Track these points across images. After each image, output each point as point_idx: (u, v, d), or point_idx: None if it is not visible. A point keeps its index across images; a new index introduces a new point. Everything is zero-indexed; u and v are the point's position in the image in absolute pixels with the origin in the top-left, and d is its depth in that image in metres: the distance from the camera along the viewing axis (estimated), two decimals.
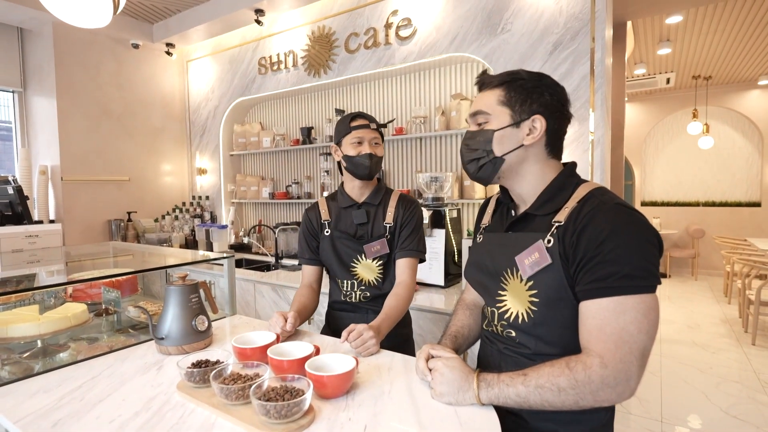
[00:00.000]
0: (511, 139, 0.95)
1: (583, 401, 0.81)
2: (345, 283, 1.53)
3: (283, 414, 0.80)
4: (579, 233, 0.85)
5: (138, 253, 2.10)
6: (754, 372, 3.34)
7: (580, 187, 0.94)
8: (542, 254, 0.90)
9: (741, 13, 3.83)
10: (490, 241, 1.06)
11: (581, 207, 0.89)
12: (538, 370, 0.85)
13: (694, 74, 5.87)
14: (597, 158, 2.28)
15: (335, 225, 1.54)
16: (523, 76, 0.96)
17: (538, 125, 0.94)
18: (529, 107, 0.94)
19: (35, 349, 1.28)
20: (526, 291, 0.93)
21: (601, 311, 0.82)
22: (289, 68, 3.43)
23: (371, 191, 1.53)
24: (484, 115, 0.97)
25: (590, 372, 0.80)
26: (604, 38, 2.23)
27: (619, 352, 0.79)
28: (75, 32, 3.49)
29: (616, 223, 0.83)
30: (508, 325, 0.98)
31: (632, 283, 0.80)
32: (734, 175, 6.73)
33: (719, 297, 5.55)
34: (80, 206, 3.55)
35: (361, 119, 1.47)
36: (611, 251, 0.81)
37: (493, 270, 1.01)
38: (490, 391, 0.87)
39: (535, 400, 0.83)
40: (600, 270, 0.82)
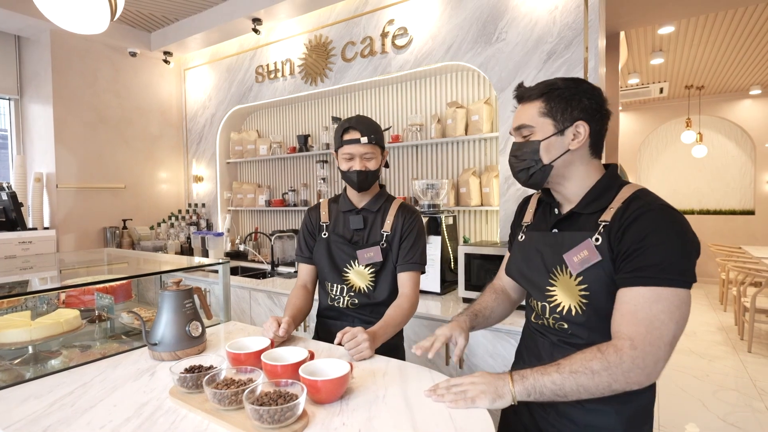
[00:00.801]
0: (557, 146, 1.00)
1: (616, 383, 0.84)
2: (334, 287, 1.52)
3: (276, 419, 0.79)
4: (625, 229, 0.91)
5: (133, 260, 2.09)
6: (750, 379, 3.34)
7: (624, 188, 0.98)
8: (591, 251, 0.95)
9: (732, 24, 3.89)
10: (537, 240, 1.10)
11: (627, 206, 0.94)
12: (570, 358, 0.89)
13: (686, 84, 5.95)
14: None
15: (333, 228, 1.54)
16: (561, 86, 0.99)
17: (581, 130, 0.98)
18: (571, 114, 0.98)
19: (26, 356, 1.26)
20: (576, 286, 0.98)
21: (636, 298, 0.87)
22: (286, 76, 3.46)
23: (372, 198, 1.52)
24: (528, 128, 1.01)
25: (621, 354, 0.84)
26: (597, 48, 2.26)
27: (650, 336, 0.84)
28: (72, 40, 3.50)
29: (661, 222, 0.89)
30: (561, 318, 1.02)
31: (669, 276, 0.85)
32: (728, 184, 6.79)
33: (715, 305, 5.57)
34: (75, 214, 3.54)
35: (353, 132, 1.42)
36: (653, 246, 0.87)
37: (542, 267, 1.06)
38: (525, 382, 0.89)
39: (570, 386, 0.86)
40: (640, 261, 0.87)
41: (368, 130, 1.43)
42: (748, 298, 4.04)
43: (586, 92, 0.99)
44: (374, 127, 1.46)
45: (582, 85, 1.00)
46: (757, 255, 4.75)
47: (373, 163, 1.45)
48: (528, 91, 1.02)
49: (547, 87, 1.00)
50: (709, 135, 6.78)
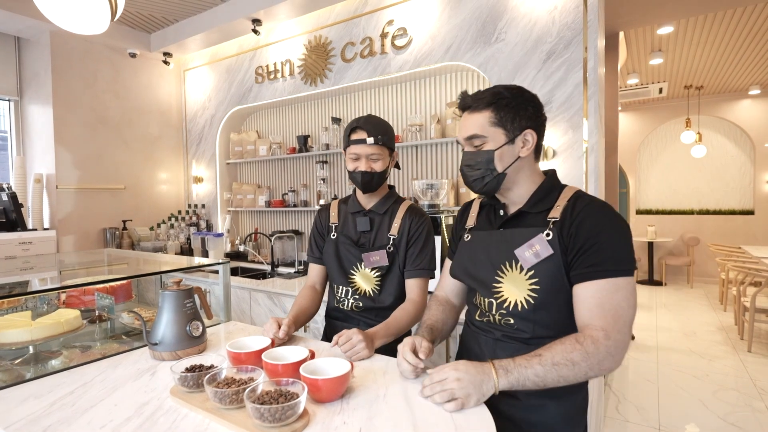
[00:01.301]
0: (508, 154, 1.05)
1: (592, 371, 0.91)
2: (340, 289, 1.51)
3: (278, 417, 0.79)
4: (578, 225, 0.98)
5: (133, 261, 2.09)
6: (750, 379, 3.34)
7: (564, 189, 1.08)
8: (543, 246, 1.01)
9: (731, 24, 3.90)
10: (484, 238, 1.14)
11: (573, 204, 1.02)
12: (551, 350, 0.93)
13: (686, 84, 5.95)
14: (591, 165, 2.30)
15: (341, 229, 1.53)
16: (507, 95, 1.03)
17: (530, 138, 1.05)
18: (519, 123, 1.04)
19: (27, 356, 1.26)
20: (526, 280, 1.03)
21: (599, 291, 0.94)
22: (285, 77, 3.46)
23: (380, 199, 1.50)
24: (481, 138, 1.05)
25: (598, 344, 0.91)
26: (596, 47, 2.26)
27: (617, 324, 0.92)
28: (72, 41, 3.51)
29: (608, 218, 0.98)
30: (507, 313, 1.06)
31: (622, 267, 0.95)
32: (727, 184, 6.80)
33: (715, 304, 5.57)
34: (75, 214, 3.54)
35: (360, 132, 1.40)
36: (605, 242, 0.95)
37: (489, 264, 1.10)
38: (510, 377, 0.91)
39: (552, 378, 0.91)
40: (596, 257, 0.95)
41: (375, 131, 1.40)
42: (747, 298, 4.05)
43: (530, 101, 1.05)
44: (383, 127, 1.43)
45: (525, 94, 1.05)
46: (756, 255, 4.75)
47: (380, 165, 1.42)
48: (476, 100, 1.05)
49: (494, 96, 1.03)
50: (708, 135, 6.79)
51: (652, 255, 6.83)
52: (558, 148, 2.37)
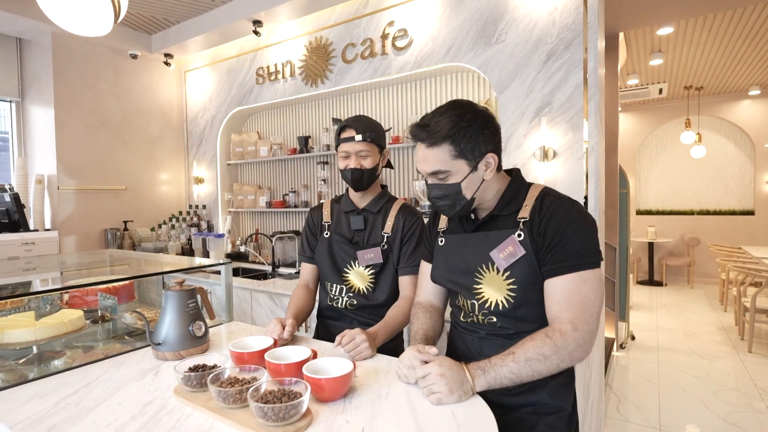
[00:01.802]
0: (474, 181, 1.06)
1: (563, 363, 0.95)
2: (334, 287, 1.52)
3: (281, 416, 0.80)
4: (546, 223, 1.01)
5: (135, 261, 2.09)
6: (751, 379, 3.34)
7: (531, 187, 1.11)
8: (516, 247, 1.04)
9: (731, 24, 3.91)
10: (457, 243, 1.16)
11: (540, 203, 1.05)
12: (522, 346, 0.97)
13: (686, 85, 5.96)
14: (591, 166, 2.30)
15: (334, 228, 1.54)
16: (463, 123, 1.01)
17: (491, 160, 1.07)
18: (479, 150, 1.04)
19: (30, 356, 1.27)
20: (503, 281, 1.06)
21: (567, 285, 0.98)
22: (286, 78, 3.47)
23: (373, 198, 1.52)
24: (444, 173, 1.05)
25: (566, 337, 0.94)
26: (596, 48, 2.27)
27: (585, 315, 0.96)
28: (74, 42, 3.52)
29: (573, 213, 1.02)
30: (489, 312, 1.09)
31: (588, 260, 0.98)
32: (727, 184, 6.80)
33: (715, 305, 5.57)
34: (76, 215, 3.54)
35: (349, 130, 1.44)
36: (571, 236, 0.99)
37: (466, 267, 1.12)
38: (487, 376, 0.95)
39: (526, 373, 0.95)
40: (564, 251, 0.99)
41: (364, 129, 1.43)
42: (748, 298, 4.05)
43: (485, 123, 1.04)
44: (372, 126, 1.46)
45: (479, 116, 1.04)
46: (757, 255, 4.76)
47: (369, 162, 1.44)
48: (432, 135, 1.03)
49: (451, 128, 1.01)
50: (708, 135, 6.79)
51: (652, 255, 6.83)
52: (558, 149, 2.37)
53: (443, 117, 1.03)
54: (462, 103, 1.06)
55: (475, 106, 1.06)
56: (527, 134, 2.45)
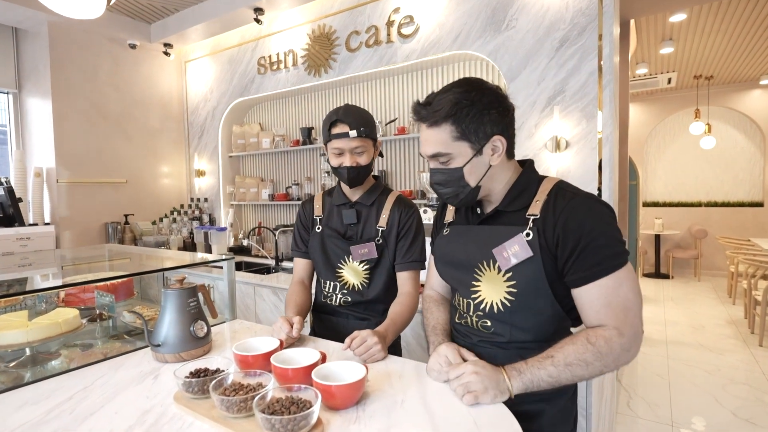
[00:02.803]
0: (479, 166, 0.97)
1: (607, 368, 0.89)
2: (328, 284, 1.47)
3: (290, 428, 0.73)
4: (563, 226, 0.92)
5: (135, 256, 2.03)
6: (762, 373, 3.28)
7: (544, 181, 1.00)
8: (523, 247, 0.95)
9: (745, 11, 3.79)
10: (461, 235, 1.08)
11: (554, 200, 0.95)
12: (562, 350, 0.90)
13: (695, 74, 5.83)
14: (606, 157, 2.23)
15: (326, 222, 1.48)
16: (465, 102, 0.93)
17: (499, 144, 0.96)
18: (484, 132, 0.94)
19: (23, 358, 1.21)
20: (503, 282, 0.98)
21: (603, 290, 0.90)
22: (288, 68, 3.38)
23: (366, 191, 1.45)
24: (445, 156, 0.97)
25: (611, 343, 0.88)
26: (612, 34, 2.18)
27: (629, 319, 0.89)
28: (71, 32, 3.43)
29: (593, 213, 0.92)
30: (484, 315, 1.02)
31: (618, 260, 0.90)
32: (736, 176, 6.70)
33: (723, 298, 5.50)
34: (76, 209, 3.48)
35: (341, 125, 1.33)
36: (597, 238, 0.90)
37: (467, 262, 1.04)
38: (523, 378, 0.89)
39: (566, 377, 0.89)
40: (594, 255, 0.90)
41: (357, 123, 1.32)
42: (759, 291, 3.98)
43: (492, 103, 0.94)
44: (364, 118, 1.35)
45: (486, 94, 0.94)
46: (766, 247, 4.68)
47: (365, 158, 1.37)
48: (433, 113, 0.94)
49: (453, 107, 0.92)
50: (717, 126, 6.67)
51: (659, 248, 6.75)
52: (571, 140, 2.29)
53: (446, 95, 0.94)
54: (470, 81, 0.97)
55: (484, 83, 0.97)
56: (539, 124, 2.37)
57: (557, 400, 1.02)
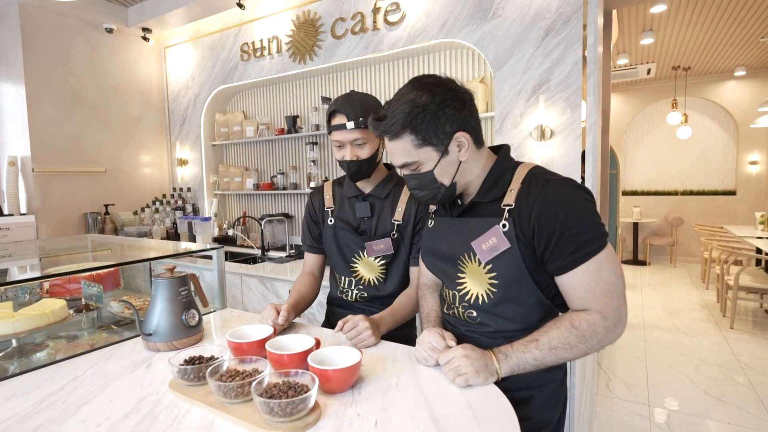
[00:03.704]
0: (449, 165, 0.97)
1: (592, 350, 0.92)
2: (343, 279, 1.43)
3: (289, 411, 0.74)
4: (538, 215, 0.92)
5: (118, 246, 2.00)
6: (733, 354, 3.43)
7: (518, 168, 1.00)
8: (500, 239, 0.96)
9: (722, 3, 3.88)
10: (443, 227, 1.09)
11: (527, 188, 0.95)
12: (546, 334, 0.92)
13: (674, 65, 5.96)
14: (589, 146, 2.27)
15: (338, 214, 1.42)
16: (418, 108, 0.91)
17: (463, 139, 0.96)
18: (444, 131, 0.94)
19: (10, 349, 1.19)
20: (485, 274, 0.99)
21: (585, 276, 0.91)
22: (273, 54, 3.32)
23: (379, 182, 1.39)
24: (413, 164, 0.97)
25: (595, 327, 0.90)
26: (596, 24, 2.20)
27: (612, 301, 0.91)
28: (43, 15, 3.30)
29: (568, 199, 0.91)
30: (470, 306, 1.04)
31: (598, 243, 0.91)
32: (711, 165, 6.90)
33: (697, 283, 5.71)
34: (53, 199, 3.39)
35: (339, 116, 1.25)
36: (574, 224, 0.90)
37: (450, 255, 1.05)
38: (510, 361, 0.92)
39: (550, 360, 0.91)
40: (571, 243, 0.90)
41: (357, 113, 1.24)
42: (731, 276, 4.14)
43: (445, 100, 0.93)
44: (366, 106, 1.26)
45: (437, 94, 0.92)
46: (739, 234, 4.86)
47: (367, 150, 1.28)
48: (390, 128, 0.94)
49: (407, 117, 0.92)
50: (694, 116, 6.84)
51: (636, 235, 6.94)
52: (555, 128, 2.33)
53: (398, 104, 0.93)
54: (419, 83, 0.95)
55: (435, 81, 0.95)
56: (524, 113, 2.39)
57: (546, 386, 1.04)
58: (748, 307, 4.61)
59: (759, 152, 6.50)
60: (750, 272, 4.32)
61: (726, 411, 2.61)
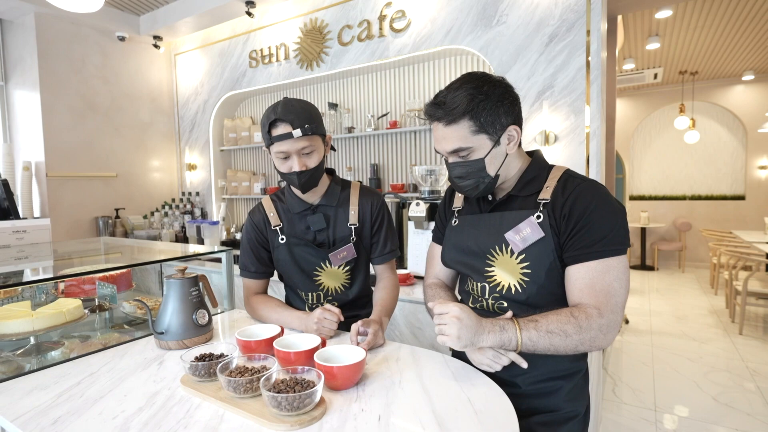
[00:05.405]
0: (497, 156, 1.01)
1: (582, 345, 0.91)
2: (310, 296, 1.37)
3: (296, 406, 0.77)
4: (570, 205, 0.96)
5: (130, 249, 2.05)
6: (742, 360, 3.40)
7: (553, 169, 1.05)
8: (534, 229, 0.98)
9: (729, 8, 3.88)
10: (472, 223, 1.11)
11: (563, 185, 1.00)
12: (546, 318, 0.93)
13: (681, 69, 5.95)
14: (593, 150, 2.29)
15: (288, 231, 1.33)
16: (480, 96, 0.95)
17: (514, 133, 1.01)
18: (500, 123, 0.98)
19: (28, 347, 1.23)
20: (517, 264, 1.01)
21: (590, 272, 0.93)
22: (280, 61, 3.38)
23: (326, 191, 1.34)
24: (466, 150, 0.99)
25: (591, 320, 0.90)
26: (599, 30, 2.23)
27: (610, 304, 0.92)
28: (58, 23, 3.39)
29: (599, 197, 0.96)
30: (501, 297, 1.05)
31: (613, 247, 0.93)
32: (719, 169, 6.85)
33: (706, 288, 5.66)
34: (66, 203, 3.46)
35: (282, 125, 1.17)
36: (597, 221, 0.93)
37: (478, 249, 1.07)
38: (503, 335, 0.92)
39: (543, 345, 0.91)
40: (588, 237, 0.93)
41: (301, 120, 1.16)
42: (739, 282, 4.11)
43: (505, 94, 0.98)
44: (308, 113, 1.19)
45: (497, 86, 0.97)
46: (748, 239, 4.82)
47: (315, 159, 1.22)
48: (449, 112, 0.96)
49: (469, 103, 0.95)
50: (701, 121, 6.81)
51: (644, 240, 6.90)
52: (560, 134, 2.35)
53: (459, 91, 0.96)
54: (477, 75, 0.99)
55: (491, 76, 0.99)
56: (528, 118, 2.42)
57: (574, 376, 1.05)
58: (757, 313, 4.56)
59: None
60: (759, 277, 4.28)
61: (735, 418, 2.59)
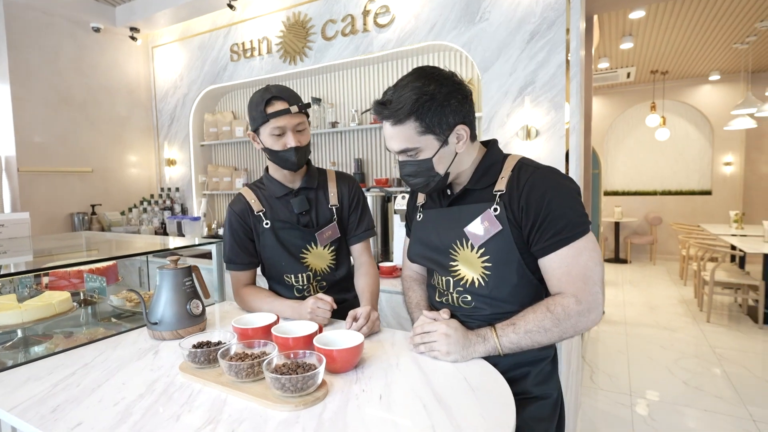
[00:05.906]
0: (446, 155, 1.01)
1: (566, 333, 0.95)
2: (300, 278, 1.39)
3: (299, 387, 0.79)
4: (526, 197, 0.97)
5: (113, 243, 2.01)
6: (710, 347, 3.58)
7: (507, 158, 1.06)
8: (492, 222, 1.00)
9: (697, 9, 4.05)
10: (433, 218, 1.12)
11: (517, 175, 1.00)
12: (523, 318, 0.96)
13: (652, 69, 6.16)
14: (572, 146, 2.37)
15: (272, 215, 1.36)
16: (425, 97, 0.94)
17: (463, 132, 1.00)
18: (447, 123, 0.97)
19: (15, 340, 1.20)
20: (477, 258, 1.02)
21: (563, 259, 0.95)
22: (263, 55, 3.36)
23: (305, 174, 1.39)
24: (413, 150, 0.99)
25: (568, 310, 0.93)
26: (578, 28, 2.30)
27: (588, 287, 0.94)
28: (29, 13, 3.27)
29: (554, 184, 0.97)
30: (464, 290, 1.06)
31: (579, 229, 0.95)
32: (688, 166, 7.14)
33: (676, 280, 5.90)
34: (39, 199, 3.35)
35: (279, 102, 1.23)
36: (556, 209, 0.94)
37: (441, 244, 1.08)
38: (487, 345, 0.96)
39: (526, 343, 0.95)
40: (552, 227, 0.95)
41: (295, 98, 1.26)
42: (707, 272, 4.31)
43: (451, 92, 0.96)
44: (297, 94, 1.31)
45: (444, 85, 0.96)
46: (714, 232, 5.05)
47: (306, 136, 1.30)
48: (395, 113, 0.95)
49: (414, 103, 0.94)
50: (671, 119, 7.07)
51: (618, 235, 7.13)
52: (540, 128, 2.42)
53: (405, 90, 0.95)
54: (425, 72, 0.97)
55: (440, 72, 0.98)
56: (510, 113, 2.48)
57: (539, 363, 1.07)
58: (723, 302, 4.79)
59: (733, 153, 6.76)
60: (725, 268, 4.50)
61: (704, 400, 2.73)
